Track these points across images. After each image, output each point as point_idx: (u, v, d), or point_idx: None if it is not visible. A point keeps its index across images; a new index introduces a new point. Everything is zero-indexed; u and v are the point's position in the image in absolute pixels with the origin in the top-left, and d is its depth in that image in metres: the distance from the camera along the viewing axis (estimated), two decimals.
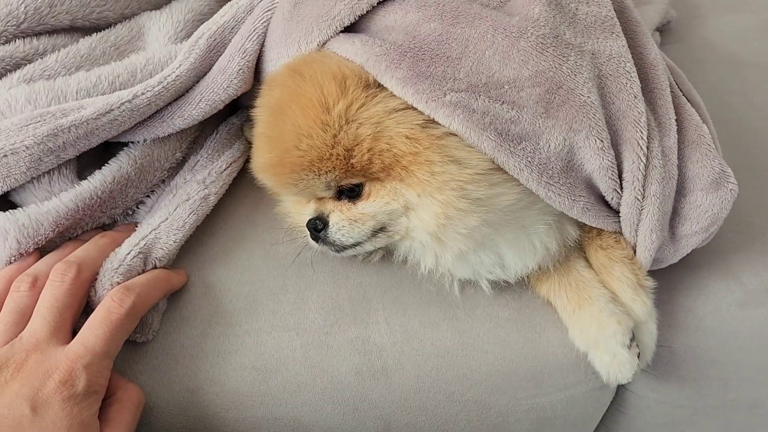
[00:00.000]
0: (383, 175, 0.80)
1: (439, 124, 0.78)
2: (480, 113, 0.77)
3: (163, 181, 0.96)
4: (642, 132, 0.82)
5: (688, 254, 0.90)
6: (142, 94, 0.88)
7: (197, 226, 0.92)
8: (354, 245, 0.86)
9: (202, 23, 0.99)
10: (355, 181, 0.82)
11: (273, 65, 0.93)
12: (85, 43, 0.98)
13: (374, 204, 0.82)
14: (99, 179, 0.88)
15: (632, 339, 0.85)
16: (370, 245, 0.87)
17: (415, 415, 0.87)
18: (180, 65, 0.92)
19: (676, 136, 0.86)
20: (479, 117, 0.77)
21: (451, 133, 0.78)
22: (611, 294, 0.88)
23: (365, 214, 0.83)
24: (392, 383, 0.85)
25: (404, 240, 0.86)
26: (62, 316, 0.75)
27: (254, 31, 0.95)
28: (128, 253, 0.84)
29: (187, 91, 0.94)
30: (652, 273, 0.89)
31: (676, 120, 0.86)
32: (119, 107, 0.87)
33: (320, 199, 0.87)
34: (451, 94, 0.78)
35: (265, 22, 0.95)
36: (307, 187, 0.83)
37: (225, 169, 0.97)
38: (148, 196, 0.95)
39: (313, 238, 0.87)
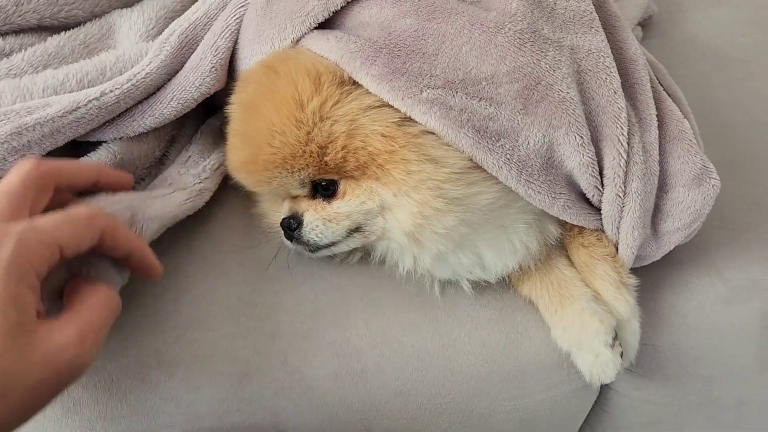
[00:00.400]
0: (358, 173, 0.79)
1: (416, 122, 0.77)
2: (457, 110, 0.76)
3: (155, 176, 0.94)
4: (622, 128, 0.81)
5: (670, 251, 0.89)
6: (111, 91, 0.86)
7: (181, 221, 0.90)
8: (328, 245, 0.84)
9: (174, 20, 0.97)
10: (329, 177, 0.81)
11: (247, 63, 0.91)
12: (54, 41, 0.96)
13: (349, 203, 0.81)
14: None
15: (615, 338, 0.84)
16: (345, 245, 0.85)
17: (396, 418, 0.85)
18: (150, 62, 0.90)
19: (657, 131, 0.85)
20: (456, 114, 0.76)
21: (428, 132, 0.77)
22: (594, 292, 0.87)
23: (340, 214, 0.82)
24: (372, 386, 0.84)
25: (381, 240, 0.85)
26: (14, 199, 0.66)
27: (227, 28, 0.93)
28: (118, 201, 0.80)
29: (159, 89, 0.92)
30: (634, 270, 0.88)
31: (657, 115, 0.85)
32: (86, 105, 0.84)
33: (295, 198, 0.86)
34: (428, 90, 0.77)
35: (237, 18, 0.93)
36: (280, 185, 0.82)
37: (218, 167, 0.95)
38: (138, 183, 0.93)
39: (287, 238, 0.86)
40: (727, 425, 1.05)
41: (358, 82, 0.79)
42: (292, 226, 0.84)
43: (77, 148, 0.90)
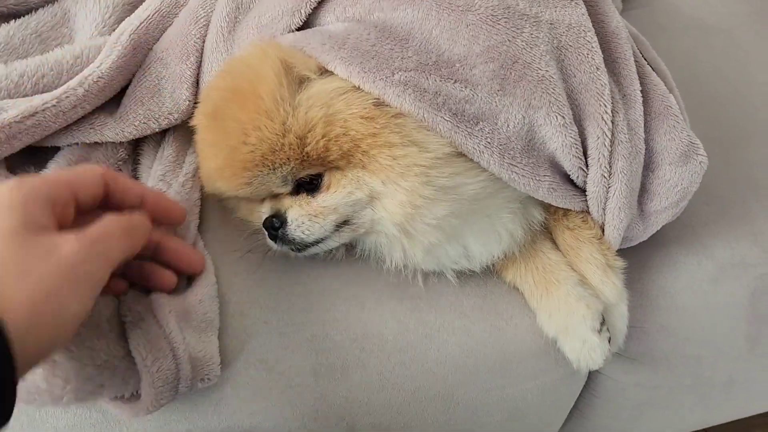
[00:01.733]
0: (343, 163, 0.75)
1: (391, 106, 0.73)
2: (432, 93, 0.72)
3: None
4: (606, 105, 0.78)
5: (657, 230, 0.87)
6: (66, 97, 0.82)
7: None
8: (316, 242, 0.80)
9: (134, 9, 0.93)
10: (313, 171, 0.76)
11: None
12: (2, 31, 0.90)
13: (335, 195, 0.77)
14: None
15: (602, 323, 0.82)
16: (334, 241, 0.81)
17: (379, 414, 0.83)
18: (101, 64, 0.85)
19: (642, 108, 0.82)
20: (431, 97, 0.72)
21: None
22: (580, 276, 0.84)
23: (326, 207, 0.77)
24: (353, 382, 0.81)
25: (369, 234, 0.81)
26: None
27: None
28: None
29: (120, 93, 0.89)
30: (621, 252, 0.86)
31: (641, 91, 0.82)
32: (43, 111, 0.80)
33: (276, 196, 0.81)
34: (400, 73, 0.73)
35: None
36: (262, 185, 0.77)
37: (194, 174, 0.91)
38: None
39: (271, 238, 0.81)
40: (717, 405, 1.04)
41: (327, 71, 0.75)
42: (275, 225, 0.79)
43: (32, 155, 0.86)
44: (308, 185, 0.78)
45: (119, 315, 0.75)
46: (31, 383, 0.69)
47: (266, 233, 0.81)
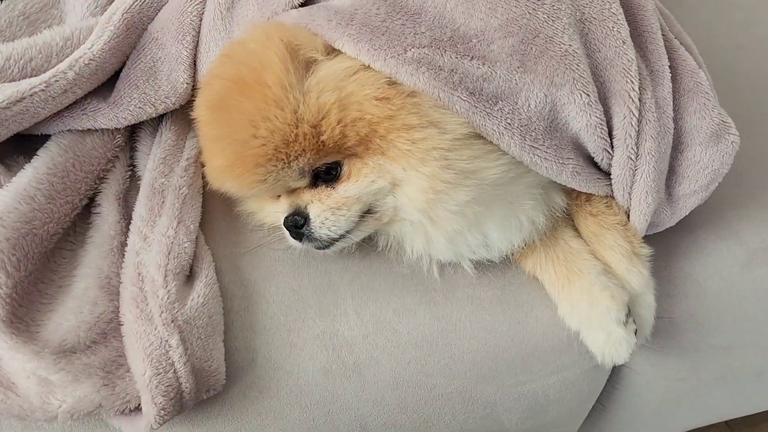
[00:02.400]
0: (361, 149, 0.70)
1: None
2: (447, 71, 0.68)
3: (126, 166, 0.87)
4: (633, 82, 0.73)
5: None
6: (56, 81, 0.78)
7: None
8: (342, 236, 0.75)
9: None
10: (329, 160, 0.72)
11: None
12: None
13: (357, 185, 0.72)
14: (31, 172, 0.78)
15: (628, 314, 0.78)
16: (359, 233, 0.77)
17: (394, 413, 0.80)
18: (92, 45, 0.81)
19: (671, 84, 0.77)
20: (447, 75, 0.68)
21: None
22: (604, 265, 0.80)
23: (349, 198, 0.73)
24: (366, 380, 0.78)
25: (392, 224, 0.77)
26: None
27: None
28: None
29: (114, 77, 0.84)
30: (646, 238, 0.82)
31: (669, 66, 0.78)
32: (30, 97, 0.76)
33: (293, 191, 0.76)
34: (413, 50, 0.69)
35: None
36: (277, 180, 0.72)
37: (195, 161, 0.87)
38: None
39: (294, 238, 0.76)
40: (746, 397, 1.00)
41: (335, 50, 0.71)
42: (298, 223, 0.74)
43: (21, 145, 0.82)
44: (326, 175, 0.73)
45: (116, 322, 0.72)
46: (24, 400, 0.65)
47: (287, 233, 0.76)
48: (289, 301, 0.80)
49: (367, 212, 0.74)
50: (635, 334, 0.78)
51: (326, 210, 0.73)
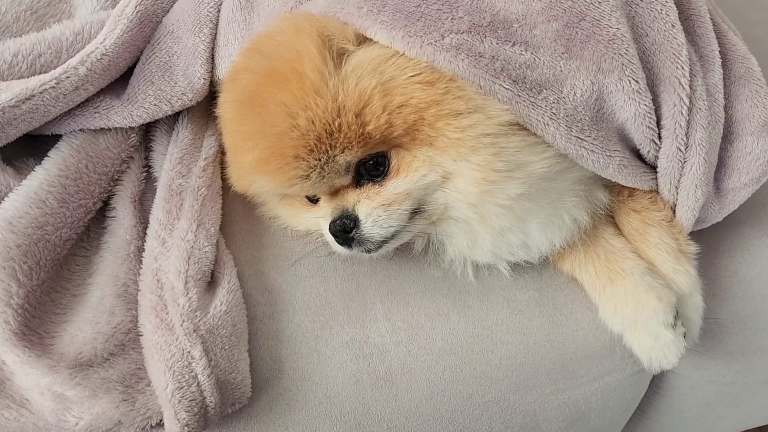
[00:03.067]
0: (408, 140, 0.67)
1: None
2: (488, 57, 0.65)
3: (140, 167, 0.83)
4: (683, 68, 0.70)
5: None
6: (67, 77, 0.74)
7: None
8: (393, 236, 0.71)
9: None
10: (375, 151, 0.68)
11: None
12: None
13: (407, 180, 0.69)
14: (42, 175, 0.74)
15: (676, 316, 0.74)
16: (407, 234, 0.73)
17: (428, 424, 0.76)
18: (105, 39, 0.77)
19: (722, 70, 0.74)
20: (488, 62, 0.65)
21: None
22: (648, 264, 0.76)
23: (399, 194, 0.69)
24: (399, 390, 0.75)
25: (439, 223, 0.73)
26: None
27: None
28: None
29: (128, 73, 0.80)
30: (691, 235, 0.78)
31: (719, 51, 0.74)
32: (41, 94, 0.73)
33: (334, 194, 0.72)
34: (451, 36, 0.65)
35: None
36: (321, 176, 0.68)
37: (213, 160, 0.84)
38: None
39: (341, 244, 0.72)
40: None
41: (367, 39, 0.68)
42: (348, 227, 0.70)
43: (30, 145, 0.79)
44: (373, 171, 0.69)
45: (135, 333, 0.68)
46: (39, 417, 0.61)
47: (332, 239, 0.72)
48: (316, 307, 0.77)
49: (416, 211, 0.71)
50: (684, 337, 0.74)
51: (377, 207, 0.69)
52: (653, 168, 0.74)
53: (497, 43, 0.65)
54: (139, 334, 0.68)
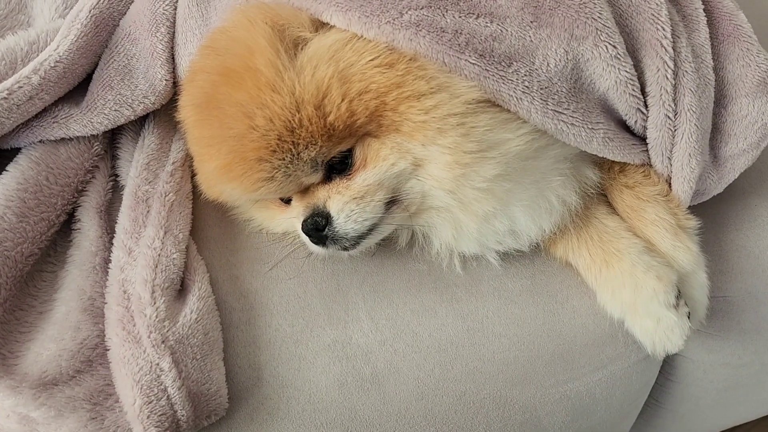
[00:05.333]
0: (374, 127, 0.64)
1: None
2: (451, 32, 0.62)
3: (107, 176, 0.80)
4: (664, 29, 0.67)
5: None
6: (19, 88, 0.72)
7: None
8: (370, 231, 0.69)
9: None
10: (344, 147, 0.66)
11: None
12: None
13: (376, 170, 0.66)
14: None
15: (678, 296, 0.71)
16: (386, 227, 0.70)
17: (420, 425, 0.74)
18: (58, 46, 0.76)
19: (707, 29, 0.70)
20: (451, 37, 0.62)
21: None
22: (645, 243, 0.74)
23: (370, 185, 0.66)
24: (387, 392, 0.73)
25: (420, 213, 0.70)
26: None
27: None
28: None
29: (84, 80, 0.78)
30: (691, 209, 0.75)
31: (704, 9, 0.71)
32: None
33: (304, 192, 0.70)
34: (410, 12, 0.63)
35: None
36: (287, 176, 0.65)
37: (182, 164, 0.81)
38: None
39: (316, 243, 0.69)
40: None
41: (323, 24, 0.65)
42: (320, 225, 0.68)
43: None
44: (339, 166, 0.67)
45: (103, 348, 0.66)
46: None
47: (307, 239, 0.69)
48: (295, 309, 0.74)
49: (392, 202, 0.68)
50: (688, 317, 0.71)
51: (349, 201, 0.66)
52: (643, 140, 0.71)
53: (460, 17, 0.62)
54: (106, 348, 0.66)
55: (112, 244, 0.72)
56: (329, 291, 0.75)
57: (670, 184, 0.73)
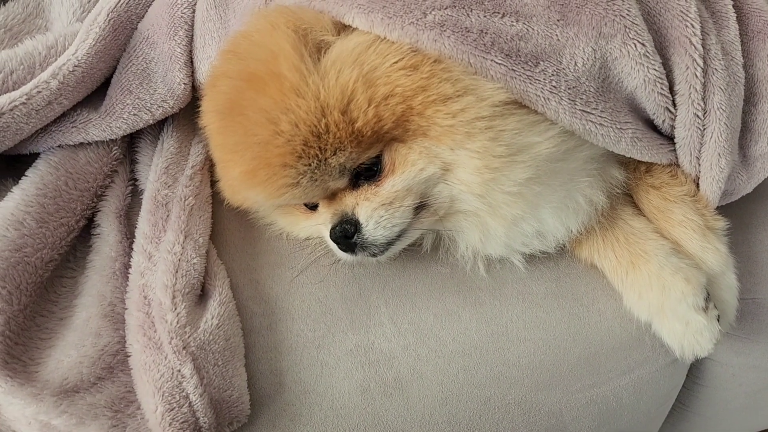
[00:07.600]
0: (400, 132, 0.63)
1: None
2: (476, 32, 0.61)
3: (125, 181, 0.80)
4: (693, 26, 0.65)
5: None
6: (38, 93, 0.72)
7: None
8: (399, 237, 0.68)
9: None
10: (374, 153, 0.65)
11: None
12: None
13: (405, 175, 0.65)
14: (19, 195, 0.72)
15: (707, 298, 0.70)
16: (414, 232, 0.70)
17: (444, 431, 0.73)
18: (77, 50, 0.75)
19: (737, 26, 0.69)
20: (476, 36, 0.61)
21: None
22: (672, 244, 0.72)
23: (398, 191, 0.66)
24: (410, 397, 0.72)
25: (448, 218, 0.69)
26: None
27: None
28: None
29: (103, 84, 0.78)
30: (719, 209, 0.74)
31: (733, 5, 0.70)
32: (11, 111, 0.70)
33: (331, 198, 0.69)
34: (434, 12, 0.62)
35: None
36: (313, 181, 0.64)
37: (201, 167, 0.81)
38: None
39: (345, 250, 0.69)
40: None
41: (346, 27, 0.64)
42: (349, 232, 0.67)
43: (11, 164, 0.77)
44: (367, 172, 0.66)
45: (123, 354, 0.65)
46: None
47: (335, 246, 0.69)
48: (316, 314, 0.73)
49: (421, 207, 0.67)
50: (718, 320, 0.70)
51: (378, 208, 0.66)
52: (671, 139, 0.70)
53: (485, 16, 0.61)
54: (127, 355, 0.65)
55: (132, 248, 0.72)
56: (351, 295, 0.74)
57: (697, 184, 0.71)
